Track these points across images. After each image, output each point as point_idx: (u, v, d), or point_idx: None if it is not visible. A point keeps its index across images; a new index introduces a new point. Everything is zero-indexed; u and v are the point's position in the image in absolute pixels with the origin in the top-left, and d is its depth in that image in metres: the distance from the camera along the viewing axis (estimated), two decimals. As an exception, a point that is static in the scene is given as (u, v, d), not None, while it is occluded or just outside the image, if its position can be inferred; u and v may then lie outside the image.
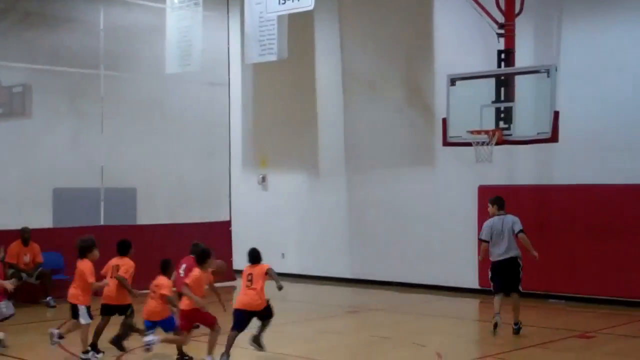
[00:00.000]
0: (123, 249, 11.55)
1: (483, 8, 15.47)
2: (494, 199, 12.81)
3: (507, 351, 11.53)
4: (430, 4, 18.11)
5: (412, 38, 18.57)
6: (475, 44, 16.90)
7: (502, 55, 15.20)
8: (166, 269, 10.90)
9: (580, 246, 15.71)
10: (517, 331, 12.47)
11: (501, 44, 15.34)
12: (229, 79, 20.34)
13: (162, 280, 10.73)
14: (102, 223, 17.36)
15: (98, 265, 11.10)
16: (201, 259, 10.53)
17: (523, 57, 15.57)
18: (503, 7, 15.35)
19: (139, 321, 10.93)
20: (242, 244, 19.52)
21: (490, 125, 14.43)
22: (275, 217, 20.95)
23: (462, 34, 17.43)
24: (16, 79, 17.60)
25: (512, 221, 12.52)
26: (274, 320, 10.62)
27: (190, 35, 18.23)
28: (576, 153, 15.83)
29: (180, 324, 10.40)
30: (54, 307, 15.57)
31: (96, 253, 10.94)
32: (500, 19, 15.38)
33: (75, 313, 10.69)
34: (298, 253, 20.54)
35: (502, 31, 15.35)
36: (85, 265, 10.70)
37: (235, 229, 19.51)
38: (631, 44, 15.40)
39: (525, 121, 14.25)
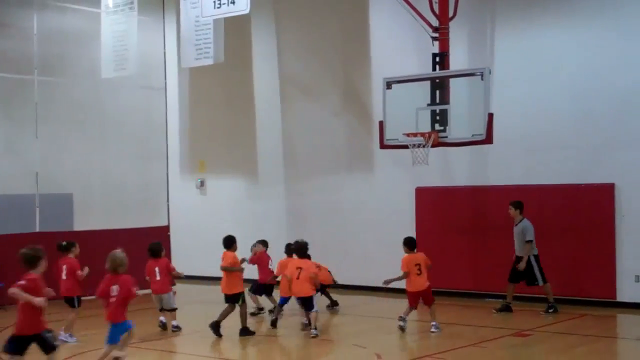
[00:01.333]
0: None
1: (418, 12, 15.65)
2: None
3: (445, 350, 11.68)
4: (365, 8, 18.27)
5: (348, 42, 18.72)
6: (411, 48, 17.10)
7: (437, 59, 15.35)
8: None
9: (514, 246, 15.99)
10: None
11: (436, 48, 15.52)
12: (166, 83, 20.27)
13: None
14: (37, 230, 17.08)
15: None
16: None
17: (457, 60, 15.78)
18: (437, 11, 15.53)
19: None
20: (181, 248, 19.53)
21: (426, 128, 14.59)
22: (214, 222, 20.84)
23: (398, 37, 17.62)
24: (-52, 84, 17.28)
25: None
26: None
27: (125, 40, 18.09)
28: (510, 154, 16.13)
29: None
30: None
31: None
32: (435, 22, 15.57)
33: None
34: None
35: (436, 35, 15.52)
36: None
37: (173, 234, 19.38)
38: (563, 47, 15.75)
39: (460, 123, 14.44)
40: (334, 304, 15.56)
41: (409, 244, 13.33)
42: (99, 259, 12.73)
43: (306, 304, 13.05)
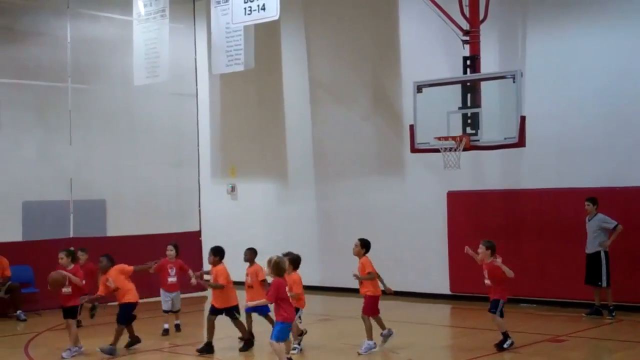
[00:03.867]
0: None
1: (448, 15, 15.61)
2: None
3: (479, 356, 11.60)
4: (395, 12, 18.26)
5: (378, 46, 18.71)
6: (441, 51, 17.06)
7: (468, 62, 15.31)
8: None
9: (550, 250, 15.87)
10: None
11: (466, 51, 15.48)
12: (197, 89, 20.38)
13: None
14: (71, 235, 17.27)
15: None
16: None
17: (488, 63, 15.73)
18: (468, 14, 15.48)
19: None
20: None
21: (458, 132, 14.54)
22: (245, 227, 20.93)
23: (428, 41, 17.58)
24: (-17, 93, 17.51)
25: None
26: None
27: (157, 47, 18.25)
28: (543, 157, 16.00)
29: None
30: (24, 320, 15.47)
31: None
32: (465, 25, 15.52)
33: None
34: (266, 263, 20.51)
35: (467, 38, 15.48)
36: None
37: (205, 239, 19.47)
38: (595, 49, 15.61)
39: (492, 127, 14.37)
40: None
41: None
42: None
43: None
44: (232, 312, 12.37)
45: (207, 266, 18.15)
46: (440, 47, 17.03)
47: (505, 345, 11.87)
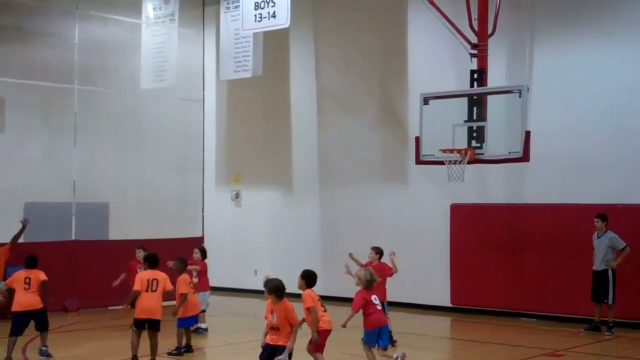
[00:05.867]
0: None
1: (457, 28, 15.60)
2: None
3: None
4: (405, 24, 18.27)
5: (386, 57, 18.71)
6: (449, 64, 17.06)
7: (475, 75, 15.30)
8: None
9: (551, 265, 15.84)
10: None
11: (474, 64, 15.46)
12: (204, 94, 20.35)
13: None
14: (73, 238, 17.26)
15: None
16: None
17: (495, 77, 15.73)
18: (476, 28, 15.48)
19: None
20: (215, 260, 19.57)
21: (463, 144, 14.53)
22: (249, 234, 20.93)
23: (436, 53, 17.59)
24: (-11, 92, 17.52)
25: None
26: (240, 338, 10.46)
27: (165, 51, 18.27)
28: (547, 172, 15.99)
29: None
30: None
31: None
32: (474, 39, 15.52)
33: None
34: (271, 270, 20.45)
35: (475, 51, 15.47)
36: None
37: (208, 246, 19.40)
38: (602, 65, 15.61)
39: (497, 140, 14.35)
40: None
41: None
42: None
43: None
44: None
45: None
46: (448, 59, 17.03)
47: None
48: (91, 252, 17.20)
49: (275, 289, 9.69)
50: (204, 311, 14.09)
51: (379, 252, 13.36)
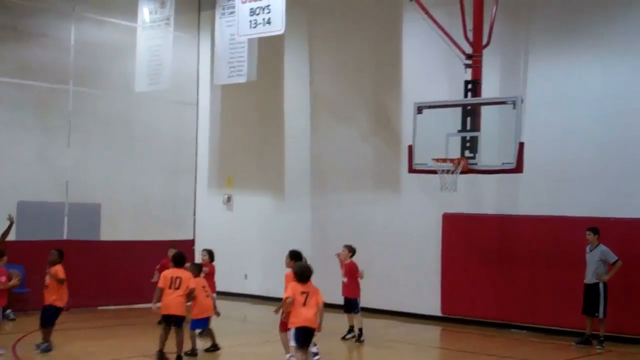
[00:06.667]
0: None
1: (451, 39, 15.67)
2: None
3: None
4: (399, 33, 18.33)
5: (381, 65, 18.77)
6: (443, 74, 17.12)
7: (469, 86, 15.35)
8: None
9: (542, 277, 15.87)
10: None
11: (468, 75, 15.52)
12: (198, 99, 20.39)
13: None
14: (65, 237, 17.24)
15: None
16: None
17: (489, 88, 15.79)
18: (471, 39, 15.56)
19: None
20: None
21: (456, 154, 14.57)
22: (239, 238, 20.94)
23: (430, 63, 17.65)
24: (-17, 91, 17.51)
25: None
26: (233, 342, 10.54)
27: (160, 55, 18.29)
28: (539, 184, 16.03)
29: None
30: (13, 319, 15.42)
31: None
32: (468, 50, 15.58)
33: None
34: (261, 275, 20.53)
35: (469, 62, 15.52)
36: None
37: (198, 248, 19.41)
38: (595, 77, 15.68)
39: (491, 151, 14.40)
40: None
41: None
42: (122, 269, 12.90)
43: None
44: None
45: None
46: (442, 69, 17.10)
47: (362, 339, 14.07)
48: (83, 252, 17.14)
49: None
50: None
51: (351, 250, 14.44)
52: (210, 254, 14.92)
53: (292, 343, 10.13)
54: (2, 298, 12.03)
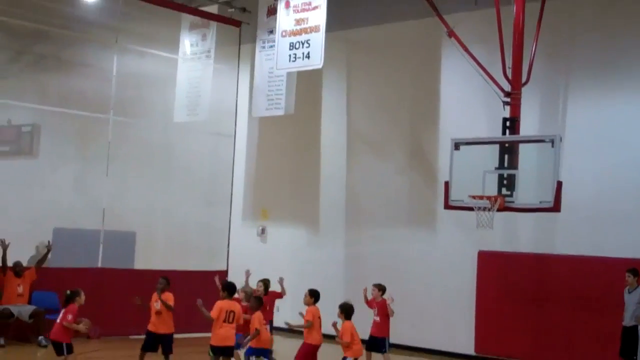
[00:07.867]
0: None
1: (490, 76, 15.61)
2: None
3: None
4: (438, 69, 18.34)
5: (419, 101, 18.77)
6: (481, 111, 17.06)
7: (507, 123, 15.22)
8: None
9: (579, 318, 15.62)
10: None
11: (507, 112, 15.40)
12: (235, 130, 20.51)
13: None
14: (99, 265, 17.35)
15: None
16: None
17: (528, 126, 15.67)
18: (510, 76, 15.49)
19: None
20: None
21: (493, 192, 14.43)
22: (273, 270, 20.81)
23: (468, 99, 17.61)
24: (26, 118, 17.83)
25: None
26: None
27: (200, 86, 18.49)
28: (577, 223, 15.84)
29: None
30: (45, 346, 15.48)
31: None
32: (507, 87, 15.49)
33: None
34: (293, 307, 20.39)
35: (508, 99, 15.42)
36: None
37: (231, 279, 19.39)
38: (635, 116, 15.55)
39: (528, 189, 14.24)
40: None
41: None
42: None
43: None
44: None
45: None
46: (481, 106, 17.04)
47: None
48: (117, 280, 17.23)
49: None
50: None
51: (381, 289, 14.69)
52: (265, 284, 14.99)
53: None
54: (65, 334, 12.00)
